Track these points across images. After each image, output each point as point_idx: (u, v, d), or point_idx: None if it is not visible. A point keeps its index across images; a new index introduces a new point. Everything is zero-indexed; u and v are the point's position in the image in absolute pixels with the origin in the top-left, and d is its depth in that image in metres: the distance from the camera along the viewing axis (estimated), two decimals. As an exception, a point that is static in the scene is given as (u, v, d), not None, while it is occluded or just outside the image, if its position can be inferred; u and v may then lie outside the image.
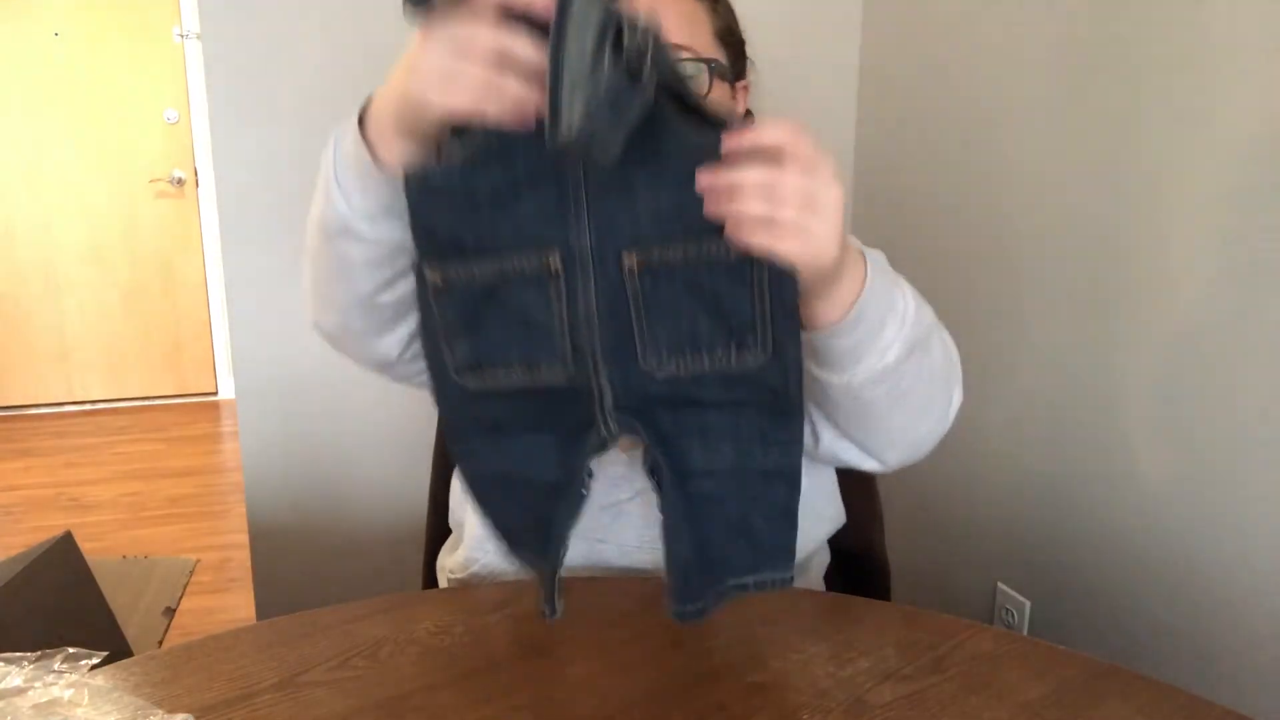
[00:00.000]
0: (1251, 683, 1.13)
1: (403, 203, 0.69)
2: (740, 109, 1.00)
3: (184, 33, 3.90)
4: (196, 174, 4.04)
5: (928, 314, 0.75)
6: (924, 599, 1.69)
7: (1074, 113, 1.33)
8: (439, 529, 1.15)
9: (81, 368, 4.12)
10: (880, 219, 1.83)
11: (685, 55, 0.89)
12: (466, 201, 0.67)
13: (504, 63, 0.61)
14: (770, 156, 0.61)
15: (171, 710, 0.69)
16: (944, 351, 0.78)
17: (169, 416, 4.03)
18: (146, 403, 4.19)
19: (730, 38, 0.95)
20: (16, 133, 3.87)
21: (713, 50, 0.92)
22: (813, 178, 0.61)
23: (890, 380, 0.73)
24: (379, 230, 0.73)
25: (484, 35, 0.61)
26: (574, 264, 0.67)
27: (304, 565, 1.79)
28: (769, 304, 0.65)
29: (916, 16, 1.67)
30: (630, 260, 0.66)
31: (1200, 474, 1.18)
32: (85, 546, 1.76)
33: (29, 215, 3.95)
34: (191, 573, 2.57)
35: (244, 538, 1.82)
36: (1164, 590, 1.24)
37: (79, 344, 4.10)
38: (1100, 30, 1.28)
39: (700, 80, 0.81)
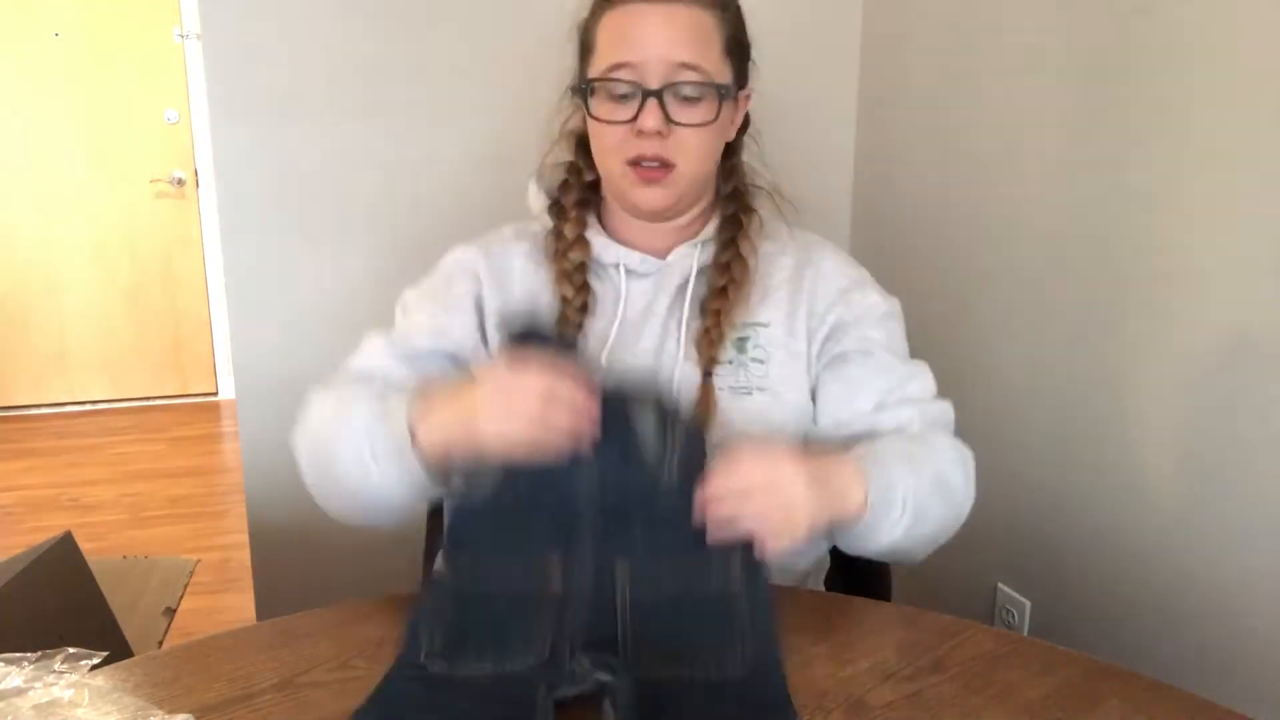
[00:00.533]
0: (1251, 683, 1.13)
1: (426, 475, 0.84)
2: (740, 116, 0.99)
3: (184, 33, 3.90)
4: (196, 174, 4.04)
5: (928, 479, 0.88)
6: (924, 599, 1.69)
7: (1077, 113, 1.33)
8: (439, 530, 1.15)
9: (82, 368, 4.12)
10: (880, 221, 1.83)
11: (694, 78, 0.89)
12: (491, 518, 0.80)
13: (552, 399, 0.76)
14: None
15: (172, 710, 0.69)
16: (945, 505, 0.91)
17: (169, 417, 4.02)
18: (147, 403, 4.19)
19: (738, 47, 0.95)
20: (17, 133, 3.87)
21: (720, 65, 0.92)
22: (775, 481, 0.79)
23: (901, 543, 0.88)
24: (407, 491, 0.87)
25: (536, 380, 0.77)
26: (572, 568, 0.77)
27: (304, 565, 1.79)
28: (747, 632, 0.75)
29: (916, 17, 1.67)
30: (623, 572, 0.77)
31: (1200, 474, 1.18)
32: (86, 547, 1.76)
33: (29, 215, 3.95)
34: (192, 573, 2.57)
35: (244, 538, 1.82)
36: (1164, 590, 1.24)
37: (79, 344, 4.10)
38: (1104, 28, 1.28)
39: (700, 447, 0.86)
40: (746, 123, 1.02)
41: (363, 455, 0.85)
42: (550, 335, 0.84)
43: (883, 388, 0.96)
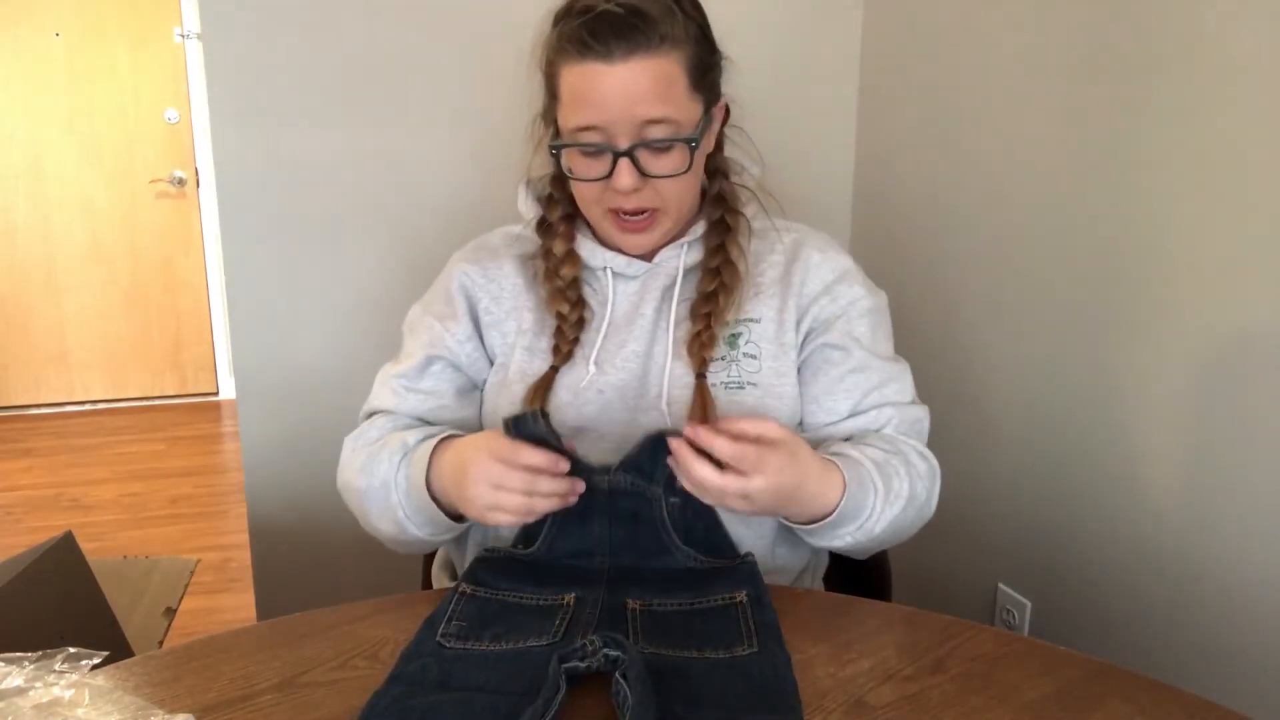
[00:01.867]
0: (1251, 683, 1.13)
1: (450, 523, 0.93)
2: (717, 126, 0.97)
3: (184, 33, 3.90)
4: (197, 174, 4.04)
5: (896, 499, 0.90)
6: (924, 599, 1.69)
7: (1076, 112, 1.33)
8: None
9: (82, 368, 4.12)
10: (880, 219, 1.83)
11: (663, 132, 0.87)
12: (511, 565, 0.89)
13: (534, 488, 0.83)
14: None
15: (172, 710, 0.69)
16: (911, 520, 0.93)
17: (169, 416, 4.03)
18: (147, 403, 4.19)
19: (705, 71, 0.91)
20: (16, 133, 3.87)
21: (688, 101, 0.89)
22: (771, 456, 0.79)
23: (860, 545, 0.91)
24: (446, 530, 0.94)
25: (518, 476, 0.82)
26: (585, 601, 0.83)
27: (304, 565, 1.79)
28: (753, 625, 0.79)
29: (917, 16, 1.67)
30: (634, 605, 0.82)
31: (1201, 474, 1.18)
32: (86, 547, 1.75)
33: (29, 215, 3.95)
34: (192, 573, 2.57)
35: (244, 538, 1.82)
36: (1164, 590, 1.24)
37: (79, 344, 4.10)
38: (1104, 27, 1.28)
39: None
40: (727, 116, 1.00)
41: (397, 516, 0.93)
42: (548, 436, 0.92)
43: (861, 388, 0.97)
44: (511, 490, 0.82)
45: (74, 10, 3.81)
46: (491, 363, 1.02)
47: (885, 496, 0.89)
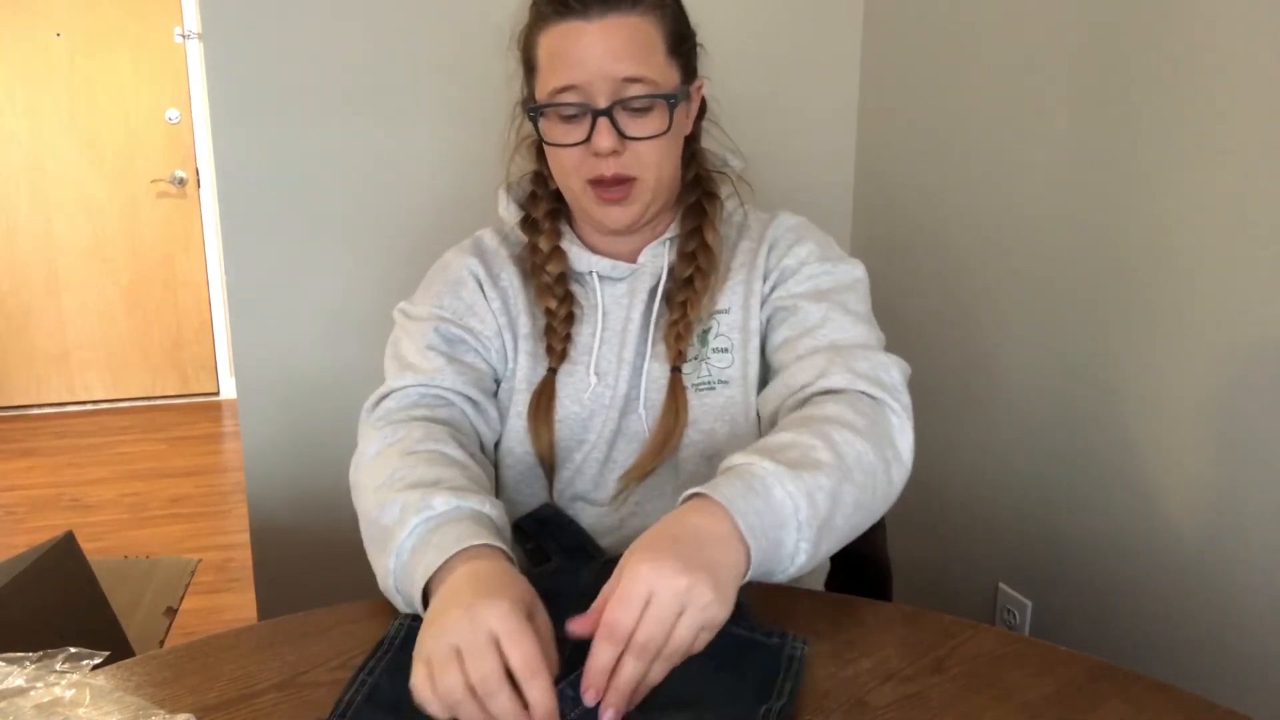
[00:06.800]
0: (1251, 683, 1.13)
1: None
2: (695, 109, 0.98)
3: (185, 33, 3.90)
4: (198, 174, 4.04)
5: (831, 477, 0.73)
6: (925, 599, 1.69)
7: (1078, 111, 1.33)
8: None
9: (83, 368, 4.12)
10: (880, 219, 1.83)
11: (641, 91, 0.87)
12: None
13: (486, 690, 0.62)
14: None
15: (173, 710, 0.69)
16: (866, 493, 0.76)
17: (170, 416, 4.03)
18: (148, 403, 4.19)
19: (682, 43, 0.92)
20: (17, 133, 3.87)
21: (666, 68, 0.89)
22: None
23: (816, 559, 0.73)
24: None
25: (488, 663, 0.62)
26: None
27: (305, 565, 1.79)
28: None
29: (917, 16, 1.67)
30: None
31: (1202, 474, 1.18)
32: (87, 546, 1.75)
33: (30, 215, 3.95)
34: (193, 573, 2.57)
35: (245, 538, 1.82)
36: (1165, 590, 1.24)
37: (80, 344, 4.10)
38: (1106, 26, 1.28)
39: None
40: (704, 109, 1.00)
41: (382, 569, 0.78)
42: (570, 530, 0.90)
43: (791, 339, 0.90)
44: (467, 670, 0.62)
45: (75, 10, 3.81)
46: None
47: (811, 474, 0.72)
